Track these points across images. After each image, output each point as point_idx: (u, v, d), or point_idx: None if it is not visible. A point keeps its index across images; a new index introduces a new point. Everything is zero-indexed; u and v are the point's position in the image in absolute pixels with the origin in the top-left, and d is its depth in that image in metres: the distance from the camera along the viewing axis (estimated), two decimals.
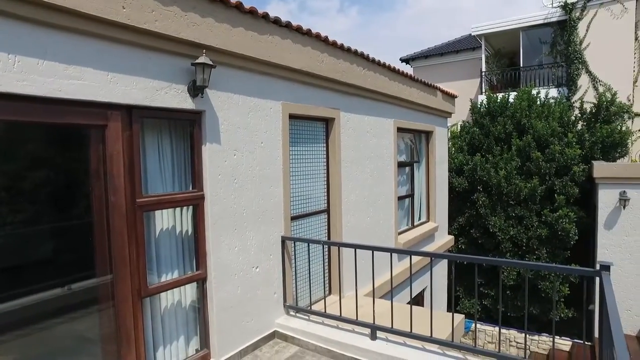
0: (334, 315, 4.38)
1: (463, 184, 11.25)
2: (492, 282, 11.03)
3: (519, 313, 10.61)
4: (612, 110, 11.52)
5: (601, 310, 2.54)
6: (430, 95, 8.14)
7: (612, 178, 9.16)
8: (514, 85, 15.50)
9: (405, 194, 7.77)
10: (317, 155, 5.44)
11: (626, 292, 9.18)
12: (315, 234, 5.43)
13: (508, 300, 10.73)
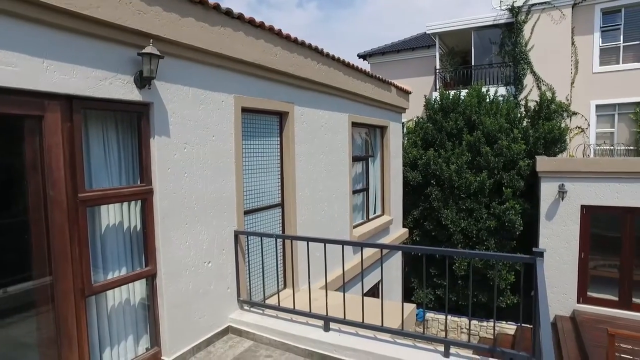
0: (287, 309, 4.41)
1: (417, 178, 11.59)
2: (445, 273, 11.45)
3: (468, 301, 11.10)
4: (552, 109, 12.25)
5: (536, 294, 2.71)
6: (385, 90, 8.31)
7: (552, 172, 9.76)
8: (466, 83, 16.10)
9: (360, 188, 7.90)
10: (271, 149, 5.42)
11: (563, 277, 9.84)
12: (270, 228, 5.42)
13: (459, 289, 11.19)
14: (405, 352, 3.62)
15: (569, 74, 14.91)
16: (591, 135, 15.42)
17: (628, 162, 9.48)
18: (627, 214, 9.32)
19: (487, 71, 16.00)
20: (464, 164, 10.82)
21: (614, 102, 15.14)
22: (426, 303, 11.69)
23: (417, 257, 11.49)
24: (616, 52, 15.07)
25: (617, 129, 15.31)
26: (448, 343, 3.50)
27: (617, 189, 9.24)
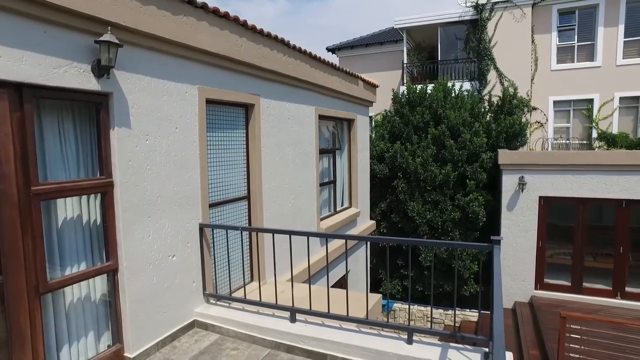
0: (254, 301, 4.41)
1: (384, 170, 11.77)
2: (412, 264, 11.72)
3: (435, 291, 11.42)
4: (514, 104, 12.69)
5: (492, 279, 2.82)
6: (352, 84, 8.36)
7: (513, 164, 10.14)
8: (432, 77, 16.43)
9: (327, 181, 7.95)
10: (237, 141, 5.37)
11: (522, 265, 10.28)
12: (236, 221, 5.38)
13: (426, 280, 11.49)
14: (370, 340, 3.69)
15: (529, 71, 15.48)
16: (549, 130, 16.10)
17: (581, 155, 9.98)
18: (580, 205, 9.82)
19: (452, 66, 16.37)
20: (430, 157, 11.07)
21: (569, 98, 15.85)
22: (394, 294, 11.94)
23: (384, 249, 11.69)
24: (571, 51, 15.77)
25: (572, 124, 16.05)
26: (411, 330, 3.60)
27: (571, 180, 9.71)
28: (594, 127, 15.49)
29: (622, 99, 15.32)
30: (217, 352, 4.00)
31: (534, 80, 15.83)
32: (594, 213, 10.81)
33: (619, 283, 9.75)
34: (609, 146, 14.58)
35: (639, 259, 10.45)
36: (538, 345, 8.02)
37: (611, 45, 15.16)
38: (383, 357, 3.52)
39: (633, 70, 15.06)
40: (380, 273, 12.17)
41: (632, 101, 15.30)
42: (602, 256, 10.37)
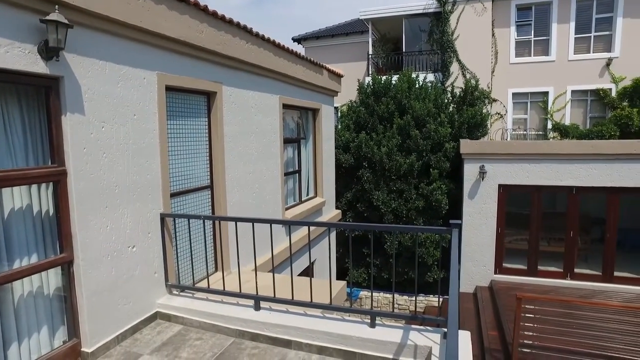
0: (217, 291, 4.37)
1: (349, 160, 11.87)
2: (377, 252, 11.94)
3: (400, 278, 11.69)
4: (475, 95, 13.07)
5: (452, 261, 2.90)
6: (317, 73, 8.35)
7: (474, 154, 10.46)
8: (397, 68, 16.63)
9: (292, 170, 7.94)
10: (199, 129, 5.26)
11: (483, 251, 10.68)
12: (199, 211, 5.29)
13: (391, 267, 11.72)
14: (334, 325, 3.75)
15: (490, 64, 15.95)
16: (509, 121, 16.70)
17: (536, 145, 10.43)
18: (535, 192, 10.28)
19: (417, 58, 16.64)
20: (395, 146, 11.26)
21: (526, 91, 16.49)
22: (360, 282, 12.14)
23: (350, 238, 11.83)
24: (528, 46, 16.37)
25: (529, 115, 16.72)
26: (373, 314, 3.68)
27: (528, 169, 10.14)
28: (549, 119, 16.19)
29: (574, 92, 16.08)
30: (180, 343, 3.94)
31: (494, 73, 16.35)
32: (548, 200, 11.36)
33: (569, 265, 10.32)
34: (562, 136, 15.30)
35: (586, 242, 11.10)
36: (497, 326, 8.38)
37: (564, 41, 15.85)
38: (347, 340, 3.58)
39: (583, 65, 15.82)
40: (347, 262, 12.32)
41: (583, 94, 16.09)
42: (555, 240, 10.93)
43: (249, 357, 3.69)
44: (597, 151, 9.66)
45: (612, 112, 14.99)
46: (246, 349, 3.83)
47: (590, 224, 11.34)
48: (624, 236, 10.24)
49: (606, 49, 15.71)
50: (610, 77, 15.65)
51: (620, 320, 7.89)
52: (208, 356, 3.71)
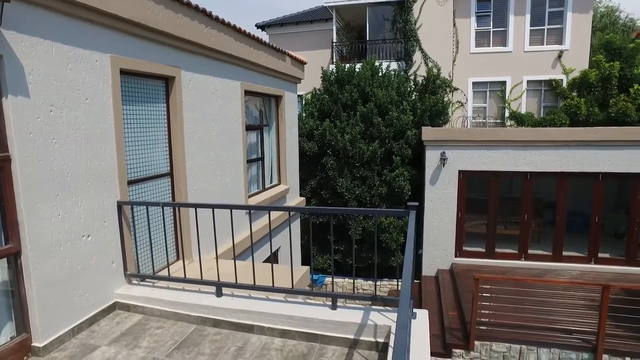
0: (178, 278, 4.31)
1: (313, 148, 11.90)
2: (342, 239, 12.08)
3: (364, 263, 11.92)
4: (437, 84, 13.35)
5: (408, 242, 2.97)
6: (279, 59, 8.26)
7: (435, 141, 10.72)
8: (361, 56, 16.71)
9: (255, 157, 7.87)
10: (157, 115, 5.11)
11: (444, 235, 11.02)
12: (159, 199, 5.16)
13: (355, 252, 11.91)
14: (296, 309, 3.78)
15: (451, 53, 16.30)
16: (469, 109, 17.20)
17: (494, 132, 10.83)
18: (493, 178, 10.68)
19: (380, 46, 16.77)
20: (358, 134, 11.37)
21: (486, 80, 17.01)
22: (325, 268, 12.27)
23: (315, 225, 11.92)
24: (488, 36, 16.85)
25: (488, 104, 17.28)
26: (334, 296, 3.74)
27: (486, 155, 10.51)
28: (507, 107, 16.80)
29: (529, 82, 16.75)
30: (140, 332, 3.87)
31: (455, 62, 16.73)
32: (505, 185, 11.84)
33: (524, 247, 10.84)
34: (518, 124, 15.92)
35: (539, 225, 11.69)
36: (456, 306, 8.72)
37: (520, 33, 16.42)
38: (309, 323, 3.62)
39: (538, 56, 16.48)
40: (313, 249, 12.42)
41: (537, 84, 16.78)
42: (511, 224, 11.44)
43: (211, 343, 3.68)
44: (548, 138, 10.14)
45: (563, 102, 15.73)
46: (208, 335, 3.81)
47: (543, 207, 11.93)
48: (572, 218, 10.84)
49: (558, 42, 16.42)
50: (562, 68, 16.39)
51: (568, 295, 8.42)
52: (169, 344, 3.67)
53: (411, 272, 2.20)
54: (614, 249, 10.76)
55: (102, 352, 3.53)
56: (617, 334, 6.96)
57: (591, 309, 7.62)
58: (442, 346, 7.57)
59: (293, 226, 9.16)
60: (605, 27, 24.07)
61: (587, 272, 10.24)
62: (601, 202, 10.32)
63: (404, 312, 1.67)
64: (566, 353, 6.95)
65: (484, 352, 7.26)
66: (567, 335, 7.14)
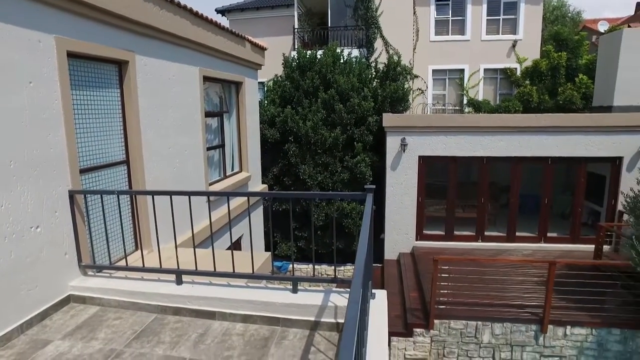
0: (137, 268, 4.23)
1: (275, 135, 11.84)
2: (305, 226, 12.16)
3: (327, 249, 12.06)
4: (398, 71, 13.54)
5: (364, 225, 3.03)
6: (239, 45, 8.11)
7: (396, 127, 10.91)
8: (323, 43, 16.66)
9: (216, 145, 7.74)
10: (111, 101, 4.91)
11: (405, 220, 11.31)
12: (115, 188, 5.00)
13: (319, 239, 12.04)
14: (257, 294, 3.80)
15: (412, 41, 16.55)
16: (429, 96, 17.61)
17: (452, 118, 11.15)
18: (451, 162, 11.03)
19: (342, 33, 16.77)
20: (320, 120, 11.39)
21: (445, 68, 17.43)
22: (290, 255, 12.34)
23: (278, 212, 11.92)
24: (447, 25, 17.23)
25: (447, 91, 17.74)
26: (295, 280, 3.79)
27: (445, 141, 10.81)
28: (465, 95, 17.32)
29: (486, 70, 17.32)
30: (97, 324, 3.77)
31: (415, 50, 17.02)
32: (463, 170, 12.26)
33: (480, 229, 11.32)
34: (475, 111, 16.47)
35: (495, 207, 12.22)
36: (417, 288, 9.02)
37: (477, 22, 16.89)
38: (270, 307, 3.66)
39: (494, 45, 17.05)
40: (276, 236, 12.43)
41: (493, 73, 17.39)
42: (469, 207, 11.88)
43: (171, 331, 3.64)
44: (503, 125, 10.55)
45: (517, 90, 16.41)
46: (169, 323, 3.77)
47: (498, 191, 12.46)
48: (524, 201, 11.40)
49: (512, 32, 17.03)
50: (516, 57, 17.04)
51: (520, 273, 8.90)
52: (128, 334, 3.60)
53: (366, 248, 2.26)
54: (561, 229, 11.43)
55: (55, 346, 3.42)
56: (560, 306, 7.45)
57: (540, 284, 8.10)
58: (404, 326, 7.83)
59: (255, 214, 9.13)
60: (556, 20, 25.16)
61: (538, 251, 10.85)
62: (550, 185, 10.90)
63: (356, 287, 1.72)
64: (517, 326, 7.38)
65: (443, 330, 7.58)
66: (518, 310, 7.56)
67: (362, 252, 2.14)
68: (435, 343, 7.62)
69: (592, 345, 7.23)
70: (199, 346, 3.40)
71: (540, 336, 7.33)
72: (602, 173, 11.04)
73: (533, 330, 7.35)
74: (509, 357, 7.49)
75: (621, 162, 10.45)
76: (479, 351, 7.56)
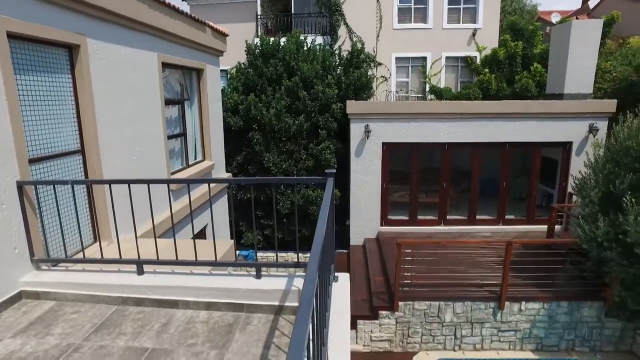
0: (95, 259, 4.10)
1: (239, 123, 11.69)
2: (270, 214, 12.13)
3: (294, 237, 12.10)
4: (361, 58, 13.60)
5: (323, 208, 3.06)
6: (199, 31, 7.90)
7: (359, 114, 10.99)
8: (286, 30, 16.48)
9: (177, 133, 7.56)
10: (62, 87, 4.68)
11: (370, 206, 11.49)
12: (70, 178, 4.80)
13: (285, 226, 12.05)
14: (220, 281, 3.78)
15: (375, 29, 16.63)
16: (392, 84, 17.81)
17: (415, 105, 11.37)
18: (414, 149, 11.25)
19: (306, 20, 16.63)
20: (283, 108, 11.32)
21: (408, 55, 17.66)
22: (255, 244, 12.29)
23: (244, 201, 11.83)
24: (409, 13, 17.41)
25: (410, 79, 18.00)
26: (258, 265, 3.80)
27: (408, 127, 11.00)
28: (427, 82, 17.64)
29: (448, 58, 17.68)
30: (52, 320, 3.64)
31: (379, 38, 17.13)
32: (426, 156, 12.55)
33: (443, 213, 11.68)
34: (437, 98, 16.84)
35: (457, 192, 12.61)
36: (382, 272, 9.23)
37: (439, 10, 17.16)
38: (234, 293, 3.65)
39: (455, 34, 17.40)
40: (241, 225, 12.35)
41: (455, 61, 17.77)
42: (432, 192, 12.21)
43: (133, 322, 3.57)
44: (464, 111, 10.84)
45: (477, 77, 16.87)
46: (130, 314, 3.70)
47: (459, 176, 12.85)
48: (484, 185, 11.83)
49: (472, 20, 17.42)
50: (476, 46, 17.48)
51: (480, 254, 9.27)
52: (87, 327, 3.51)
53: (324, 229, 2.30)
54: (518, 211, 11.97)
55: (4, 345, 3.25)
56: (517, 283, 7.84)
57: (498, 264, 8.47)
58: (370, 309, 8.01)
59: (220, 203, 9.00)
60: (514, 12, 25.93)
61: (497, 232, 11.32)
62: (508, 170, 11.35)
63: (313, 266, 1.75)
64: (477, 304, 7.71)
65: (407, 311, 7.81)
66: (478, 289, 7.90)
67: (321, 232, 2.18)
68: (400, 324, 7.85)
69: (543, 318, 7.66)
70: (162, 335, 3.36)
71: (498, 312, 7.69)
72: (555, 157, 11.60)
73: (491, 308, 7.70)
74: (469, 334, 7.82)
75: (571, 146, 11.01)
76: (441, 330, 7.85)
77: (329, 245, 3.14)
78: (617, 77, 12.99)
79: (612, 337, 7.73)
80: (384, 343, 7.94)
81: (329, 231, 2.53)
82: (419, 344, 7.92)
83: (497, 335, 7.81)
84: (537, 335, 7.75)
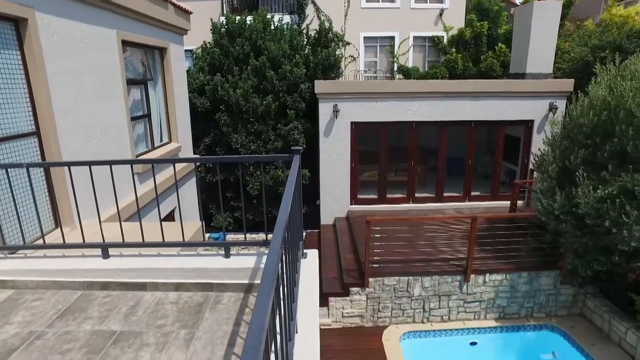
0: (57, 245, 3.97)
1: (205, 104, 11.43)
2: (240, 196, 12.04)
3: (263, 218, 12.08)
4: (329, 38, 13.48)
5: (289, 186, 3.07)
6: (161, 7, 7.59)
7: (328, 94, 10.94)
8: (253, 8, 16.09)
9: (141, 115, 7.32)
10: (9, 64, 4.42)
11: (339, 185, 11.57)
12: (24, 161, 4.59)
13: (255, 208, 12.01)
14: (189, 261, 3.75)
15: (343, 8, 16.48)
16: (361, 64, 17.79)
17: (383, 84, 11.41)
18: (383, 128, 11.35)
19: None
20: (251, 88, 11.14)
21: (376, 35, 17.63)
22: (226, 226, 12.22)
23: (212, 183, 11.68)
24: None
25: (379, 58, 18.03)
26: (227, 245, 3.78)
27: (376, 107, 11.06)
28: (395, 62, 17.71)
29: (415, 38, 17.77)
30: (11, 308, 3.51)
31: (347, 17, 16.99)
32: (395, 135, 12.69)
33: (411, 191, 11.91)
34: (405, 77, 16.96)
35: (424, 170, 12.88)
36: (352, 250, 9.38)
37: None
38: (203, 273, 3.63)
39: (422, 14, 17.47)
40: (210, 208, 12.22)
41: (422, 40, 17.89)
42: (400, 171, 12.40)
43: (100, 306, 3.50)
44: (431, 90, 10.98)
45: (444, 57, 17.08)
46: (96, 299, 3.62)
47: (427, 154, 13.10)
48: (451, 163, 12.11)
49: (439, 0, 17.51)
50: (443, 26, 17.62)
51: (447, 229, 9.56)
52: (50, 314, 3.41)
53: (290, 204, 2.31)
54: (484, 188, 12.36)
55: None
56: (481, 257, 8.17)
57: (464, 239, 8.78)
58: (341, 286, 8.15)
59: (189, 185, 8.85)
60: None
61: (464, 209, 11.66)
62: (474, 148, 11.65)
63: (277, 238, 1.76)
64: (444, 278, 7.98)
65: (377, 287, 8.00)
66: (445, 263, 8.17)
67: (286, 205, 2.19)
68: (370, 300, 8.05)
69: (505, 288, 8.04)
70: (131, 318, 3.31)
71: (464, 285, 8.00)
72: (518, 135, 11.98)
73: (458, 281, 8.00)
74: (437, 306, 8.12)
75: (532, 124, 11.39)
76: (410, 304, 8.11)
77: (296, 221, 3.16)
78: (575, 57, 13.45)
79: (566, 302, 8.22)
80: (355, 319, 8.13)
81: (296, 207, 2.54)
82: (389, 318, 8.16)
83: (463, 307, 8.14)
84: (500, 304, 8.13)
